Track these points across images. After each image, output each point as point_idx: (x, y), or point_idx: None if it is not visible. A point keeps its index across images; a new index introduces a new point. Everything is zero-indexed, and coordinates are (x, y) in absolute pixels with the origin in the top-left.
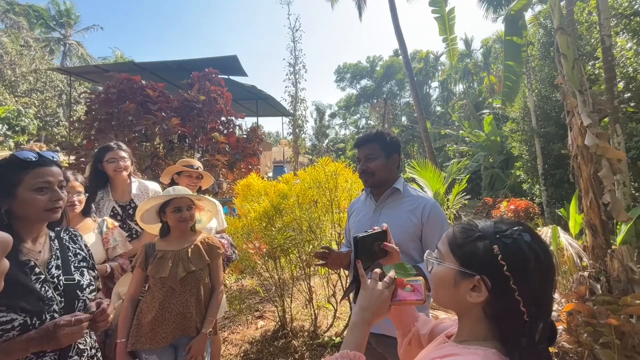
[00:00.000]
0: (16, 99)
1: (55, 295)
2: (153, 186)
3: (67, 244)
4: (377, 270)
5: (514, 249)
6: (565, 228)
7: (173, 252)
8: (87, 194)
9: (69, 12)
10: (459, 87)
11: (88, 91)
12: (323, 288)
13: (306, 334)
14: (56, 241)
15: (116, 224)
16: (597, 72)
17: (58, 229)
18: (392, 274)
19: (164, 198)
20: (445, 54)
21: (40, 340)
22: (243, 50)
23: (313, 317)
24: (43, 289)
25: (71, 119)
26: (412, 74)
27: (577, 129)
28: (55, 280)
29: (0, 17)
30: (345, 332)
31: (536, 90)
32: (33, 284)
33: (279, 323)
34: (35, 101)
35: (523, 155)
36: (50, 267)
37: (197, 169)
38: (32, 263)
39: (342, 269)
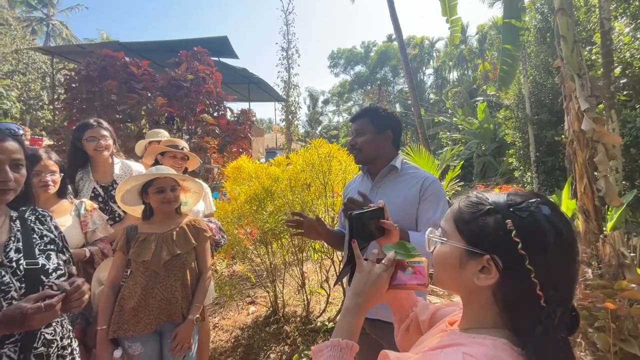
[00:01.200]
0: None
1: (14, 280)
2: (137, 167)
3: (32, 225)
4: (375, 250)
5: (531, 224)
6: None
7: (157, 234)
8: (63, 174)
9: None
10: (454, 75)
11: (70, 70)
12: (316, 273)
13: (298, 319)
14: (18, 222)
15: (95, 206)
16: (593, 57)
17: (23, 208)
18: (391, 254)
19: (146, 177)
20: (448, 35)
21: (9, 321)
22: (234, 33)
23: (305, 302)
24: None
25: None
26: (407, 60)
27: (574, 113)
28: (14, 264)
29: None
30: (338, 318)
31: (531, 77)
32: None
33: (271, 309)
34: (18, 83)
35: (516, 143)
36: (7, 250)
37: (183, 149)
38: None
39: (335, 253)
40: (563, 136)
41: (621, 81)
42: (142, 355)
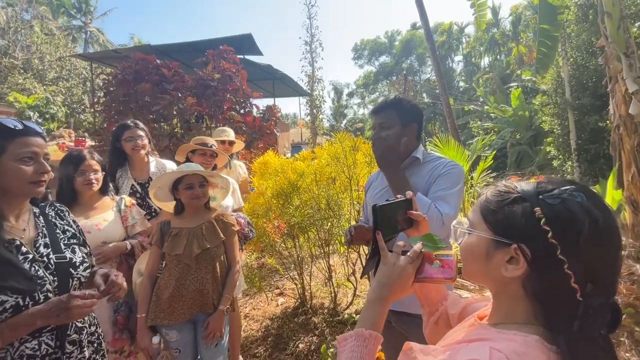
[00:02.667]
0: (44, 87)
1: (47, 274)
2: (170, 165)
3: (53, 220)
4: (401, 242)
5: (563, 212)
6: None
7: (188, 229)
8: (105, 173)
9: (87, 0)
10: (485, 60)
11: (108, 74)
12: (342, 266)
13: (326, 311)
14: (41, 218)
15: (134, 201)
16: None
17: (42, 204)
18: (417, 247)
19: (175, 175)
20: (473, 20)
21: (49, 313)
22: (258, 29)
23: (333, 294)
24: (33, 268)
25: (94, 104)
26: (434, 47)
27: (621, 96)
28: (45, 259)
29: (25, 7)
30: (362, 309)
31: (571, 59)
32: (21, 263)
33: (299, 300)
34: (62, 89)
35: (555, 130)
36: (37, 245)
37: (211, 147)
38: (18, 242)
39: (361, 247)
40: (608, 122)
41: None
42: (178, 342)
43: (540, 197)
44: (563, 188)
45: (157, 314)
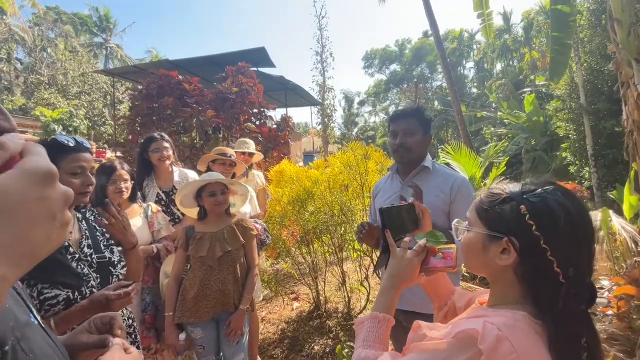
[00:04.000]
0: (68, 101)
1: (91, 272)
2: (192, 174)
3: (93, 224)
4: (407, 238)
5: (543, 207)
6: (619, 212)
7: (211, 233)
8: (133, 182)
9: (107, 17)
10: (497, 67)
11: (130, 89)
12: (355, 272)
13: (340, 315)
14: (84, 222)
15: (159, 208)
16: None
17: (83, 209)
18: (422, 242)
19: (199, 183)
20: (481, 30)
21: (93, 308)
22: (269, 41)
23: (346, 299)
24: (79, 267)
25: (115, 117)
26: (444, 54)
27: (633, 101)
28: (89, 258)
29: (50, 26)
30: (376, 296)
31: (585, 64)
32: (69, 262)
33: (314, 304)
34: (84, 103)
35: (570, 136)
36: (82, 246)
37: (230, 157)
38: (66, 243)
39: (373, 252)
40: (623, 125)
41: None
42: (202, 339)
43: (525, 196)
44: (544, 188)
45: (183, 313)
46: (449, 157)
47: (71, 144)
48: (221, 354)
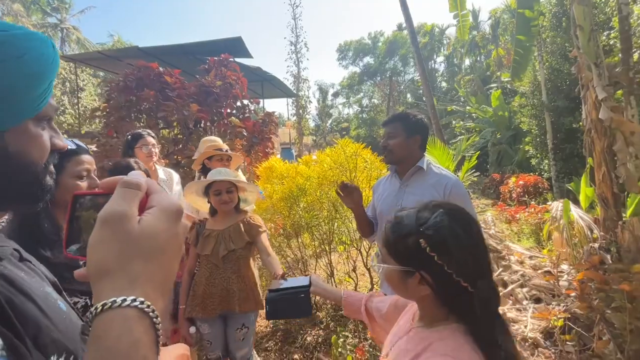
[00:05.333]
0: None
1: None
2: (175, 176)
3: None
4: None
5: (437, 238)
6: (575, 202)
7: (217, 231)
8: None
9: None
10: (466, 62)
11: (102, 79)
12: (342, 264)
13: (329, 306)
14: None
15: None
16: (611, 42)
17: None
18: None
19: (205, 182)
20: (456, 30)
21: None
22: (244, 30)
23: None
24: None
25: (78, 106)
26: (418, 49)
27: (592, 102)
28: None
29: None
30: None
31: (547, 63)
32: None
33: None
34: None
35: (532, 130)
36: None
37: (226, 151)
38: None
39: (362, 244)
40: (581, 123)
41: None
42: (210, 335)
43: (421, 229)
44: (434, 217)
45: (193, 307)
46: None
47: (73, 147)
48: (229, 348)
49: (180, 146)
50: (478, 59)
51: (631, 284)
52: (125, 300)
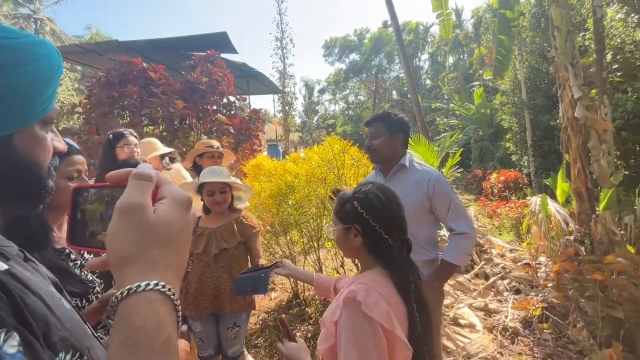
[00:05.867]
0: None
1: (94, 277)
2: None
3: None
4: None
5: (366, 199)
6: (552, 197)
7: (210, 229)
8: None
9: None
10: (450, 60)
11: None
12: (330, 260)
13: (318, 301)
14: None
15: None
16: (587, 43)
17: None
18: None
19: (197, 183)
20: (440, 29)
21: (105, 310)
22: (228, 25)
23: None
24: (82, 273)
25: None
26: (404, 47)
27: (568, 101)
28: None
29: None
30: None
31: (527, 62)
32: (73, 269)
33: (292, 293)
34: None
35: (513, 128)
36: (82, 252)
37: (217, 148)
38: (67, 250)
39: None
40: (558, 121)
41: (613, 66)
42: (201, 333)
43: (355, 195)
44: (365, 187)
45: (185, 305)
46: (409, 148)
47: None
48: (222, 346)
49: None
50: (461, 57)
51: (603, 274)
52: (149, 284)
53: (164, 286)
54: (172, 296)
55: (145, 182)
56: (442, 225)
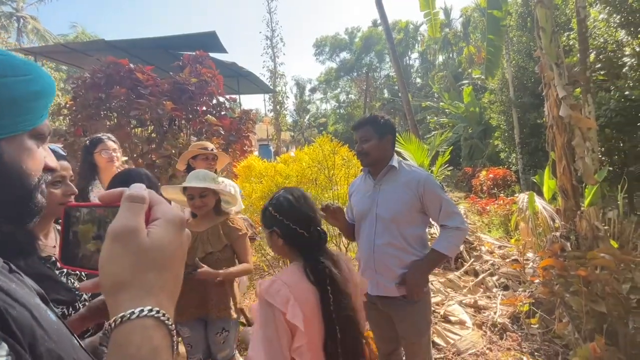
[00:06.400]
0: None
1: None
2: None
3: None
4: None
5: (277, 204)
6: (539, 193)
7: (196, 233)
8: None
9: None
10: (439, 58)
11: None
12: None
13: None
14: None
15: None
16: (571, 43)
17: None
18: None
19: (178, 187)
20: (427, 28)
21: (93, 317)
22: (214, 22)
23: None
24: (69, 281)
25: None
26: (394, 47)
27: (553, 100)
28: (77, 272)
29: None
30: None
31: (514, 61)
32: (59, 277)
33: None
34: None
35: (501, 126)
36: None
37: (212, 150)
38: (53, 258)
39: (341, 241)
40: (544, 119)
41: (596, 66)
42: (190, 338)
43: (270, 202)
44: (277, 194)
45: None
46: (399, 146)
47: None
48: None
49: (155, 145)
50: (450, 55)
51: (586, 270)
52: (142, 310)
53: (158, 311)
54: (166, 321)
55: (138, 205)
56: (434, 223)
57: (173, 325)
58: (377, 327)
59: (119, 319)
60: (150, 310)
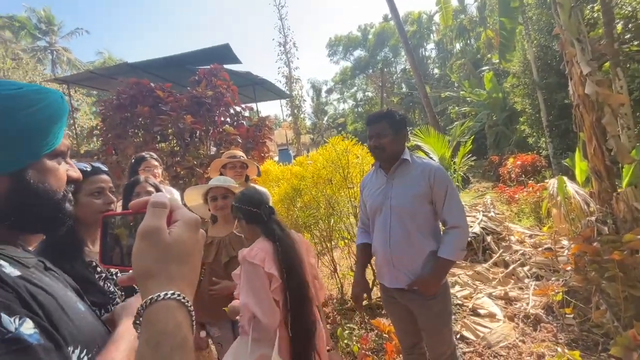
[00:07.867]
0: None
1: (116, 289)
2: (175, 192)
3: None
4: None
5: (236, 198)
6: (572, 178)
7: (218, 238)
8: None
9: (49, 20)
10: (456, 46)
11: (96, 98)
12: (344, 259)
13: (335, 300)
14: None
15: None
16: (595, 15)
17: None
18: None
19: (201, 188)
20: (439, 17)
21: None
22: (232, 36)
23: (339, 285)
24: (106, 285)
25: (74, 127)
26: (406, 39)
27: (577, 78)
28: (114, 277)
29: None
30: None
31: (535, 41)
32: (97, 280)
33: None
34: None
35: (526, 110)
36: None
37: (240, 158)
38: (94, 263)
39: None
40: (572, 99)
41: (625, 37)
42: (220, 337)
43: (238, 197)
44: (241, 191)
45: (203, 313)
46: (418, 140)
47: (88, 169)
48: None
49: (178, 158)
50: (468, 42)
51: (621, 253)
52: (167, 294)
53: (179, 295)
54: (186, 303)
55: (160, 209)
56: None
57: (192, 307)
58: (398, 320)
59: (148, 301)
60: (173, 294)
